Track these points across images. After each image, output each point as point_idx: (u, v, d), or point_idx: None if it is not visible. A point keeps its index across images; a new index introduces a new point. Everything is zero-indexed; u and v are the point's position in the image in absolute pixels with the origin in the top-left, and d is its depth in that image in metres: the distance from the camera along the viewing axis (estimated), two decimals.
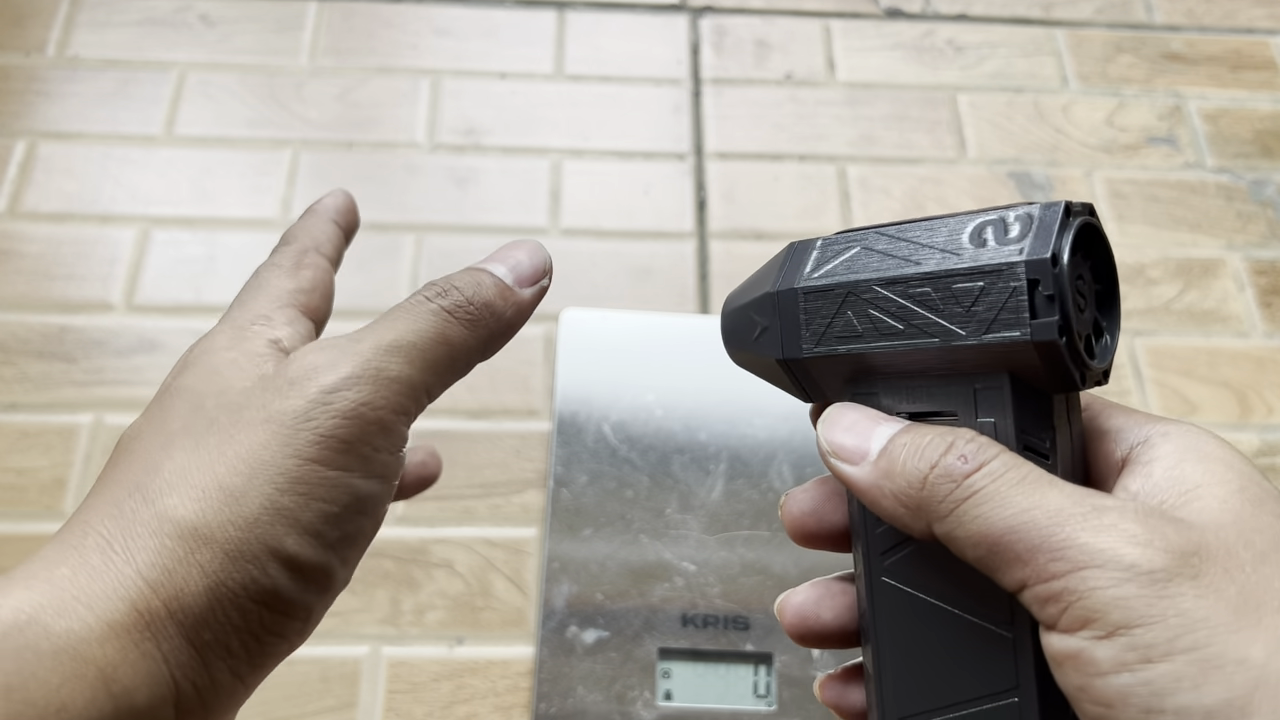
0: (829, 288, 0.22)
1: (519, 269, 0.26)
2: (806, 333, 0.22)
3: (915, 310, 0.21)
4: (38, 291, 0.61)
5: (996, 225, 0.20)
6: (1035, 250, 0.19)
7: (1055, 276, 0.19)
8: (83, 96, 0.69)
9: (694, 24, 0.75)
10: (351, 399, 0.21)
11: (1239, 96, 0.74)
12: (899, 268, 0.21)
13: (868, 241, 0.22)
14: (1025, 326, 0.19)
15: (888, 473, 0.20)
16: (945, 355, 0.21)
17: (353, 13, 0.73)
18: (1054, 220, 0.20)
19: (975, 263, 0.20)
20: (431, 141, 0.68)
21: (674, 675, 0.51)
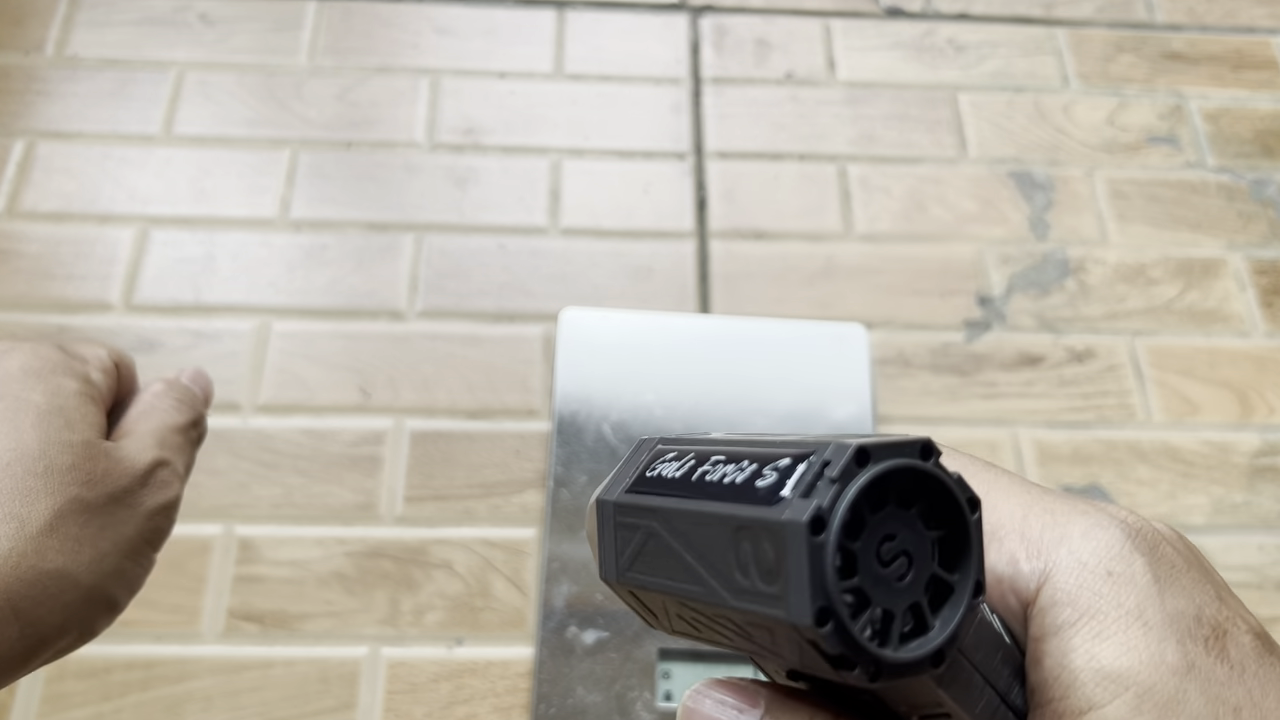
0: (635, 508, 0.19)
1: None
2: (615, 556, 0.20)
3: (686, 559, 0.18)
4: (36, 291, 0.61)
5: (786, 466, 0.16)
6: (791, 511, 0.15)
7: (814, 546, 0.15)
8: (81, 96, 0.68)
9: (694, 23, 0.75)
10: (175, 511, 0.29)
11: (1240, 96, 0.74)
12: (689, 503, 0.18)
13: (693, 450, 0.19)
14: (782, 602, 0.15)
15: None
16: (723, 616, 0.17)
17: (352, 12, 0.73)
18: (836, 467, 0.16)
19: (744, 514, 0.16)
20: (431, 141, 0.68)
21: (674, 676, 0.51)
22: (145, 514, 0.27)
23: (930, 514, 0.17)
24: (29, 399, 0.26)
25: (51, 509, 0.24)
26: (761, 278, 0.64)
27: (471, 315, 0.62)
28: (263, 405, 0.58)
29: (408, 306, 0.62)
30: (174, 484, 0.28)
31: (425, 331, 0.61)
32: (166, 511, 0.28)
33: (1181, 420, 0.61)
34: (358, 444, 0.57)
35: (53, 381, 0.27)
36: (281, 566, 0.54)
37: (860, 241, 0.66)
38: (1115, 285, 0.66)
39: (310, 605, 0.53)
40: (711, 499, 0.17)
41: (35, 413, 0.26)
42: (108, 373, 0.30)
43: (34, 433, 0.25)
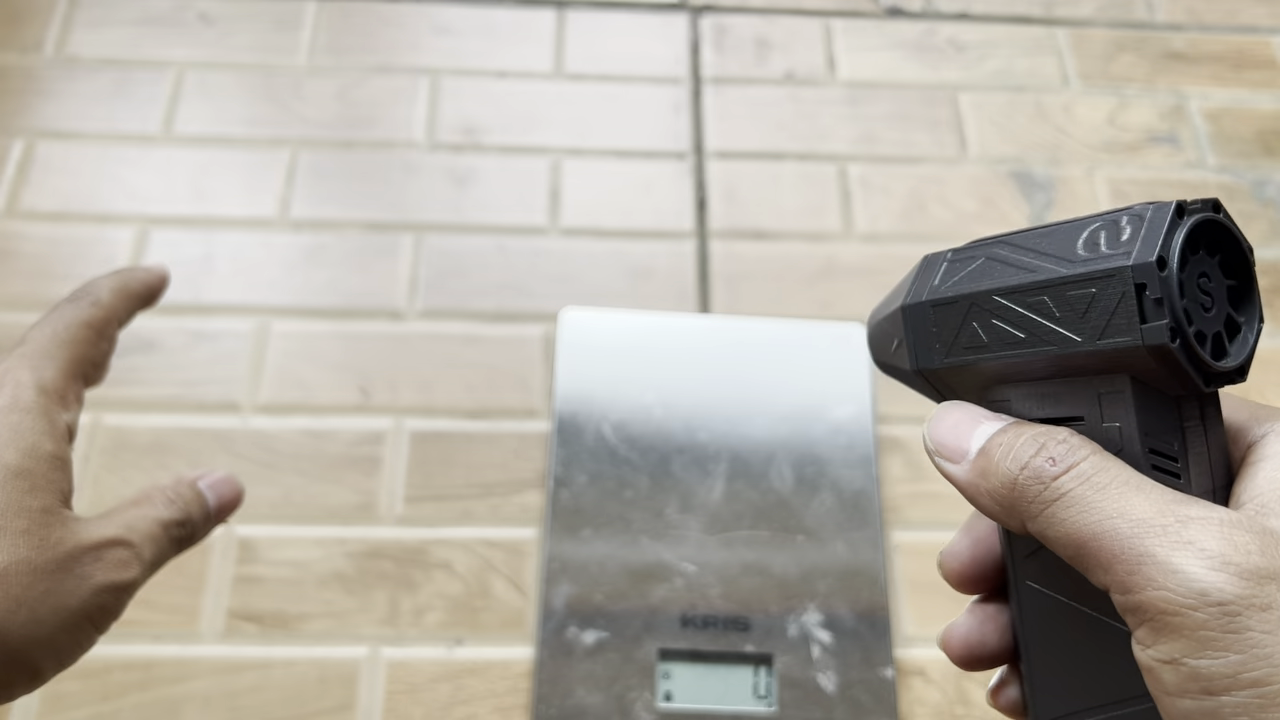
0: (954, 299, 0.23)
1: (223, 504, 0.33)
2: (938, 344, 0.23)
3: (1034, 319, 0.21)
4: (35, 291, 0.61)
5: (1110, 228, 0.20)
6: (1142, 254, 0.19)
7: (1163, 280, 0.19)
8: (81, 95, 0.68)
9: (694, 23, 0.75)
10: (129, 593, 0.29)
11: (1240, 95, 0.74)
12: (1017, 276, 0.22)
13: (991, 251, 0.23)
14: (1136, 331, 0.19)
15: (984, 472, 0.21)
16: (1066, 361, 0.21)
17: (351, 11, 0.73)
18: (1163, 221, 0.20)
19: (1087, 269, 0.20)
20: (430, 140, 0.68)
21: (674, 676, 0.51)
22: (92, 588, 0.27)
23: (1226, 264, 0.21)
24: (1, 457, 0.27)
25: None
26: (761, 277, 0.64)
27: (471, 315, 0.62)
28: (262, 405, 0.58)
29: (407, 306, 0.62)
30: (131, 567, 0.28)
31: (425, 331, 0.61)
32: (116, 592, 0.28)
33: None
34: (357, 444, 0.57)
35: (29, 441, 0.27)
36: (281, 567, 0.54)
37: (860, 241, 0.66)
38: None
39: (310, 605, 0.53)
40: (1037, 264, 0.21)
41: (3, 472, 0.27)
42: (103, 329, 0.32)
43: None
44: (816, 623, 0.52)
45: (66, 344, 0.31)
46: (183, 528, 0.31)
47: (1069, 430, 0.21)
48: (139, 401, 0.58)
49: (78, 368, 0.31)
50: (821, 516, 0.55)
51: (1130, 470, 0.20)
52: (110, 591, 0.27)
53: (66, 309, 0.31)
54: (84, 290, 0.32)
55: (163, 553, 0.30)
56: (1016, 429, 0.21)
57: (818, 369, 0.60)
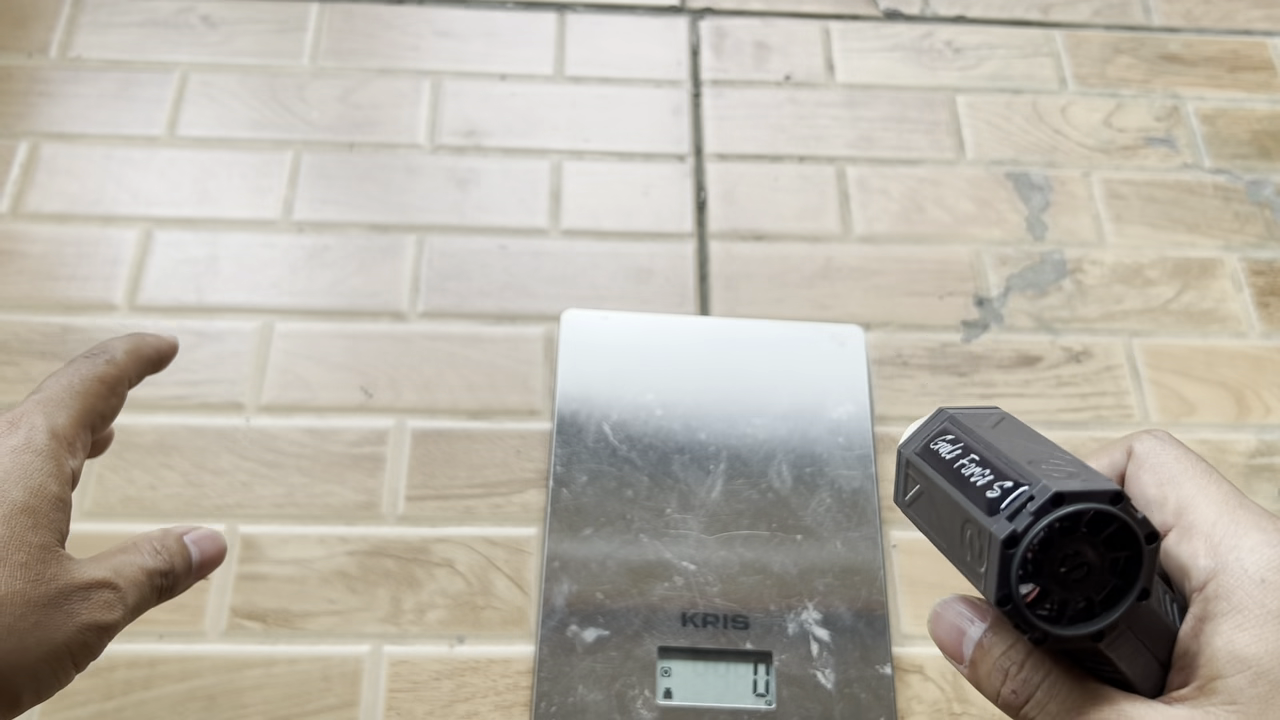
0: (916, 466, 0.27)
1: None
2: (906, 495, 0.28)
3: (947, 528, 0.26)
4: (40, 292, 0.62)
5: (1014, 493, 0.23)
6: (1001, 529, 0.23)
7: (1005, 556, 0.23)
8: (85, 97, 0.69)
9: (694, 26, 0.75)
10: (106, 639, 0.31)
11: (1236, 97, 0.74)
12: (957, 486, 0.25)
13: (975, 446, 0.26)
14: (984, 582, 0.24)
15: (976, 681, 0.26)
16: (968, 572, 0.25)
17: (354, 14, 0.74)
18: (1035, 505, 0.23)
19: (979, 513, 0.24)
20: (432, 142, 0.69)
21: (674, 673, 0.51)
22: (76, 627, 0.29)
23: (1115, 539, 0.23)
24: (9, 494, 0.29)
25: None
26: (760, 279, 0.65)
27: (473, 316, 0.62)
28: (265, 405, 0.59)
29: (409, 307, 0.62)
30: (116, 609, 0.30)
31: (427, 332, 0.62)
32: (99, 632, 0.30)
33: (1178, 420, 0.62)
34: (360, 444, 0.58)
35: (37, 480, 0.30)
36: (284, 565, 0.54)
37: (859, 243, 0.67)
38: (1112, 286, 0.66)
39: (313, 604, 0.53)
40: (960, 489, 0.25)
41: (9, 507, 0.29)
42: (115, 385, 0.34)
43: (3, 527, 0.28)
44: (815, 620, 0.53)
45: (80, 395, 0.33)
46: (166, 578, 0.33)
47: (1024, 656, 0.25)
48: (143, 401, 0.58)
49: (88, 418, 0.33)
50: (820, 515, 0.56)
51: (1079, 686, 0.24)
52: (93, 630, 0.29)
53: (83, 364, 0.34)
54: (100, 348, 0.35)
55: (145, 600, 0.32)
56: (992, 642, 0.26)
57: (816, 369, 0.60)
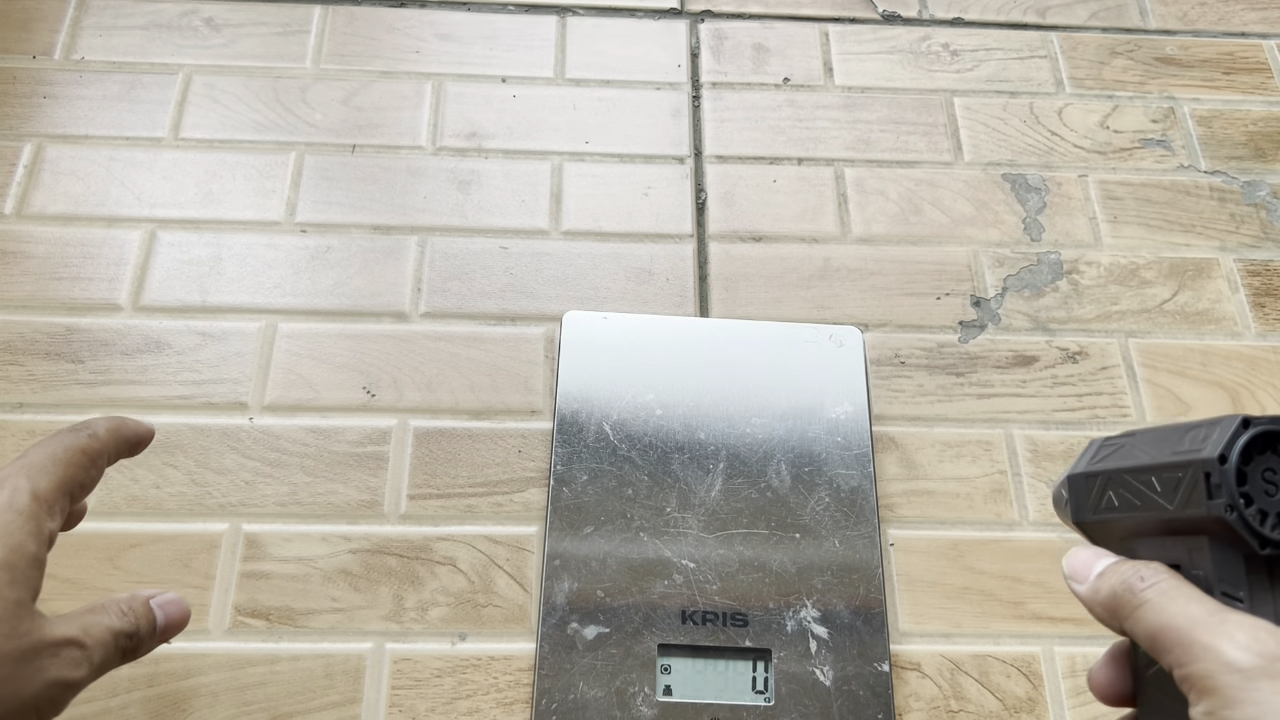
0: (1098, 473, 0.32)
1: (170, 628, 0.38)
2: (1087, 504, 0.33)
3: (1144, 491, 0.30)
4: (44, 292, 0.62)
5: (1202, 431, 0.29)
6: (1209, 451, 0.28)
7: (1222, 471, 0.27)
8: (89, 99, 0.69)
9: (693, 28, 0.76)
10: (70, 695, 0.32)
11: (1232, 99, 0.75)
12: (1137, 460, 0.30)
13: (1126, 442, 0.31)
14: (1203, 505, 0.28)
15: (1097, 589, 0.30)
16: (1165, 523, 0.29)
17: (356, 17, 0.74)
18: (1229, 429, 0.28)
19: (1177, 459, 0.29)
20: (434, 145, 0.69)
21: (673, 671, 0.52)
22: (44, 682, 0.30)
23: None
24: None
25: None
26: (759, 279, 0.65)
27: (474, 316, 0.63)
28: (269, 405, 0.59)
29: (412, 308, 0.63)
30: (81, 667, 0.32)
31: (429, 332, 0.62)
32: (64, 689, 0.31)
33: (1174, 420, 0.62)
34: (362, 443, 0.58)
35: (17, 539, 0.31)
36: (287, 563, 0.55)
37: (857, 244, 0.67)
38: (1108, 286, 0.67)
39: (316, 601, 0.54)
40: (1149, 457, 0.30)
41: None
42: (95, 458, 0.36)
43: None
44: (813, 618, 0.53)
45: (63, 464, 0.34)
46: (131, 639, 0.34)
47: (1160, 564, 0.29)
48: (147, 401, 0.59)
49: (68, 486, 0.34)
50: (819, 514, 0.56)
51: (1196, 589, 0.27)
52: (59, 687, 0.31)
53: (67, 436, 0.36)
54: (85, 424, 0.37)
55: (109, 659, 0.33)
56: (1124, 563, 0.30)
57: (815, 369, 0.61)
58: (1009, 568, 0.57)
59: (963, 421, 0.61)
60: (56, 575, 0.53)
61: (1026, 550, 0.57)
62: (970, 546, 0.57)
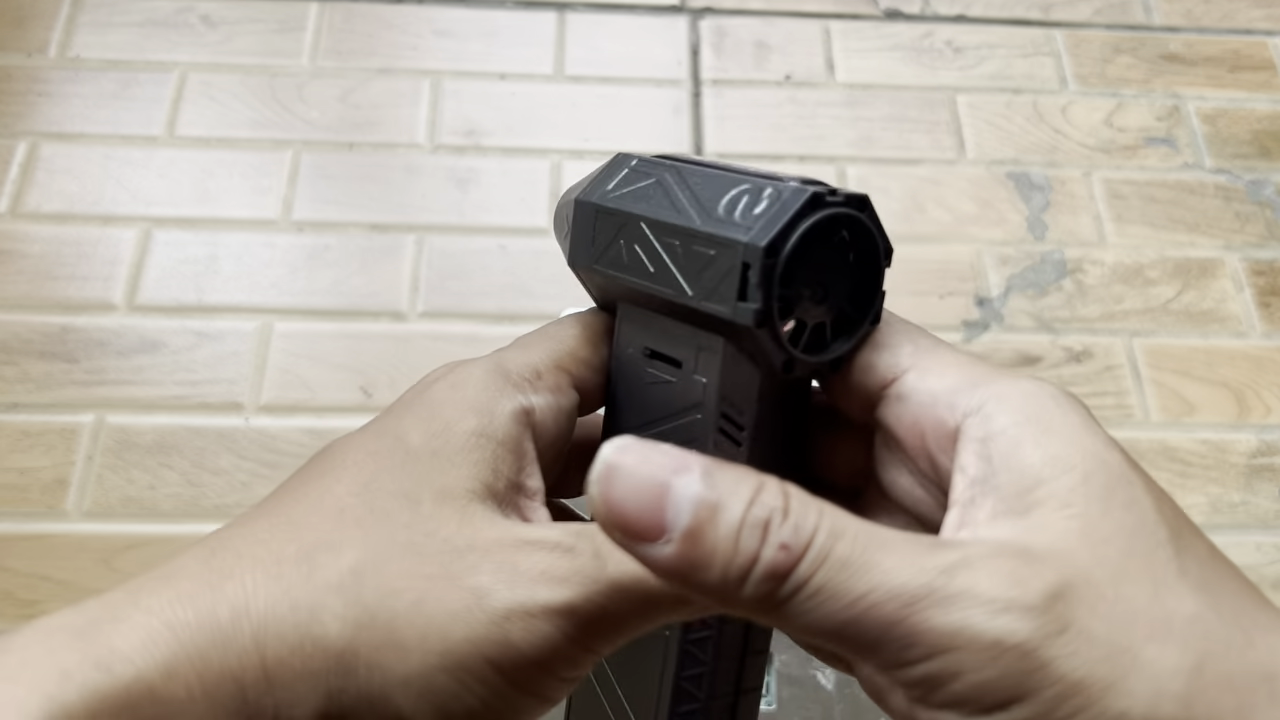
0: (614, 211, 0.23)
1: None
2: (591, 248, 0.23)
3: (663, 258, 0.21)
4: (39, 292, 0.61)
5: (753, 196, 0.20)
6: (757, 236, 0.19)
7: (765, 267, 0.19)
8: (84, 97, 0.69)
9: (694, 25, 0.75)
10: (556, 628, 0.18)
11: (1237, 97, 0.74)
12: (664, 213, 0.21)
13: (663, 175, 0.23)
14: (732, 304, 0.20)
15: (702, 560, 0.16)
16: (678, 307, 0.21)
17: (354, 14, 0.74)
18: (791, 208, 0.19)
19: (714, 230, 0.20)
20: (432, 142, 0.69)
21: None
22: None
23: (857, 256, 0.21)
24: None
25: None
26: None
27: (472, 316, 0.62)
28: (265, 405, 0.59)
29: (409, 307, 0.62)
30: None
31: (426, 332, 0.62)
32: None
33: (1179, 420, 0.61)
34: None
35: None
36: None
37: None
38: (1112, 286, 0.66)
39: None
40: (680, 212, 0.21)
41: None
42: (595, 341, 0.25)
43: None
44: None
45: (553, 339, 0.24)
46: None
47: (784, 490, 0.16)
48: (143, 401, 0.58)
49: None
50: None
51: (865, 525, 0.16)
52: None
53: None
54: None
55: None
56: (722, 485, 0.16)
57: None
58: None
59: None
60: (50, 577, 0.53)
61: None
62: None
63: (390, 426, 0.20)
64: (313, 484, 0.19)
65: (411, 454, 0.19)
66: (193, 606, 0.17)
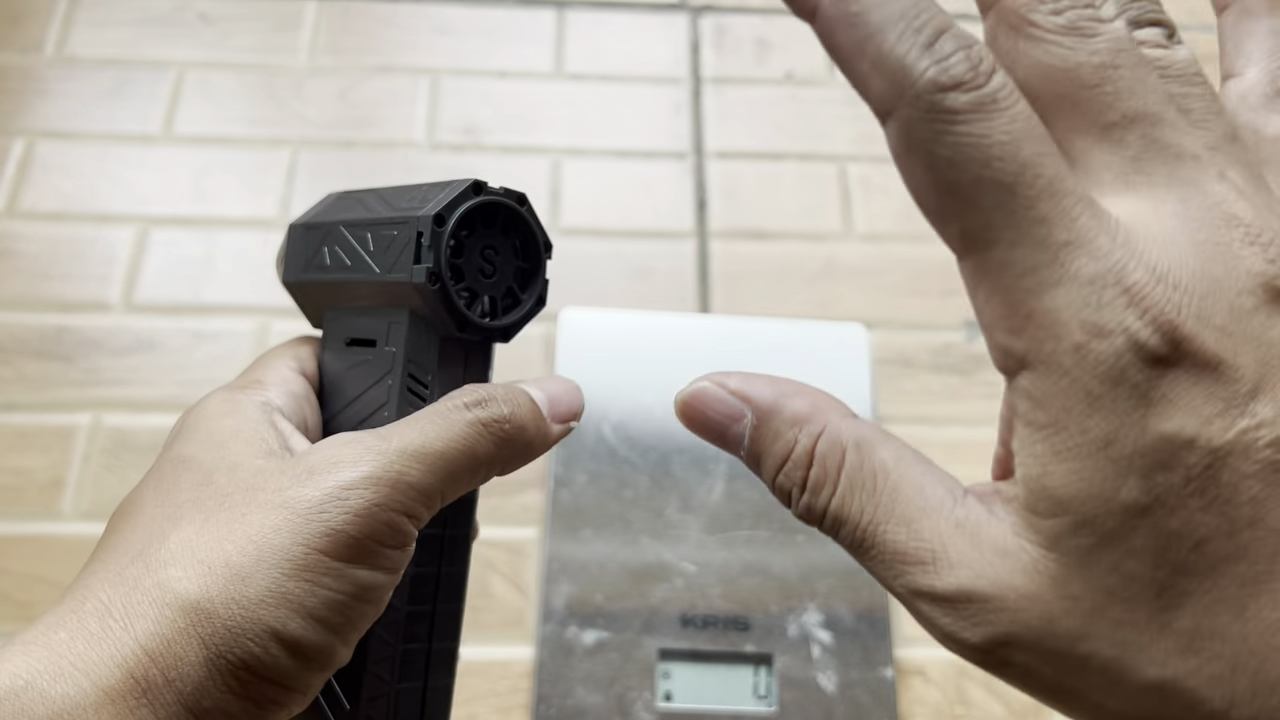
0: (319, 225, 0.27)
1: (556, 403, 0.26)
2: (300, 261, 0.27)
3: (357, 249, 0.25)
4: (35, 291, 0.61)
5: (431, 191, 0.25)
6: (428, 210, 0.24)
7: (435, 233, 0.24)
8: (80, 95, 0.68)
9: (694, 23, 0.75)
10: (366, 498, 0.21)
11: None
12: (359, 214, 0.26)
13: (363, 195, 0.27)
14: (408, 270, 0.24)
15: (758, 457, 0.20)
16: (371, 289, 0.25)
17: (351, 11, 0.73)
18: (456, 192, 0.24)
19: (396, 214, 0.25)
20: (431, 140, 0.68)
21: (674, 676, 0.51)
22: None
23: (519, 247, 0.26)
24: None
25: None
26: (761, 277, 0.65)
27: None
28: None
29: None
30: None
31: None
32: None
33: None
34: None
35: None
36: None
37: (860, 241, 0.66)
38: None
39: None
40: (372, 213, 0.26)
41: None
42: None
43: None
44: (816, 623, 0.53)
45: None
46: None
47: (823, 407, 0.19)
48: (139, 401, 0.58)
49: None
50: None
51: (895, 455, 0.18)
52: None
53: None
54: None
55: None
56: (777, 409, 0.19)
57: (817, 369, 0.60)
58: None
59: (969, 422, 0.60)
60: (46, 579, 0.53)
61: None
62: None
63: (165, 458, 0.24)
64: (123, 520, 0.23)
65: (191, 460, 0.23)
66: (64, 628, 0.20)
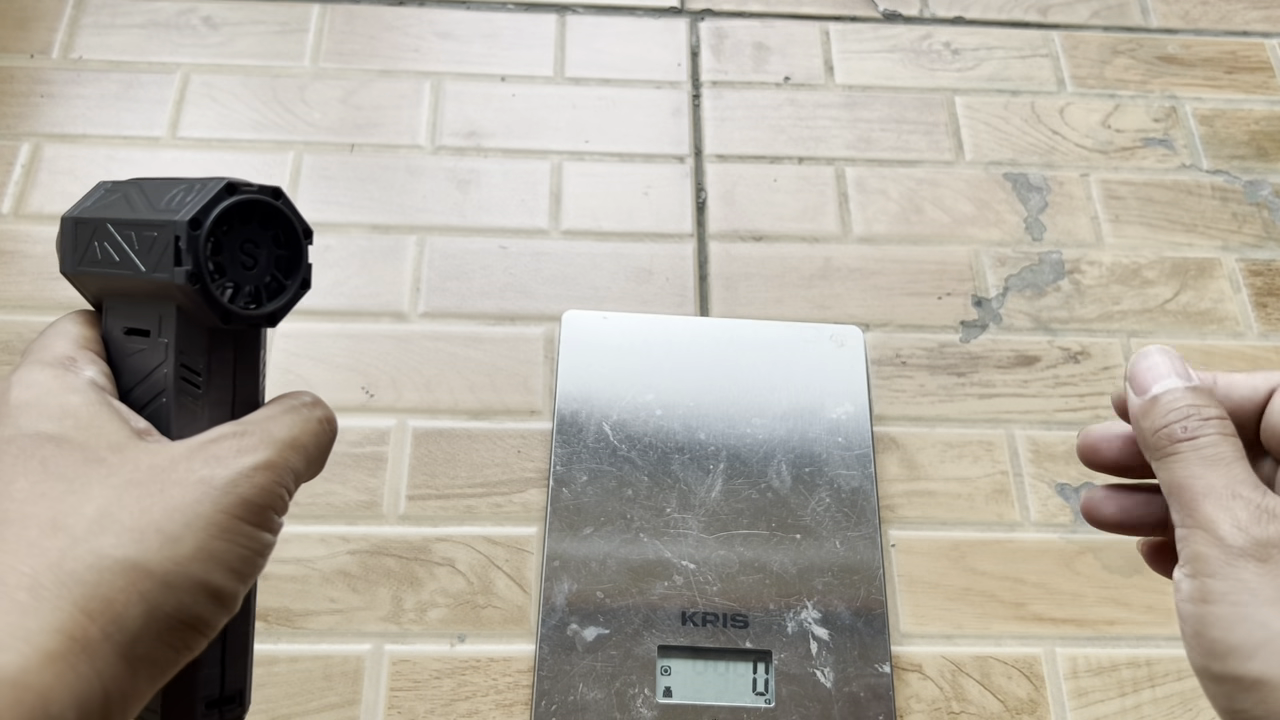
0: (89, 220, 0.28)
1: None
2: (74, 254, 0.29)
3: (124, 247, 0.27)
4: (42, 292, 0.62)
5: (188, 190, 0.27)
6: (184, 214, 0.26)
7: (191, 237, 0.26)
8: (87, 98, 0.69)
9: (693, 27, 0.76)
10: (268, 477, 0.26)
11: (1234, 98, 0.75)
12: (126, 212, 0.27)
13: (128, 189, 0.28)
14: (170, 271, 0.26)
15: (1146, 412, 0.28)
16: (139, 285, 0.27)
17: (355, 16, 0.74)
18: (210, 193, 0.26)
19: (157, 216, 0.26)
20: (433, 144, 0.69)
21: (674, 672, 0.52)
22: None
23: (279, 237, 0.28)
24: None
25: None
26: (760, 279, 0.65)
27: (473, 316, 0.63)
28: None
29: (410, 308, 0.63)
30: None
31: (428, 332, 0.62)
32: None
33: None
34: (361, 443, 0.58)
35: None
36: (286, 564, 0.55)
37: (858, 243, 0.67)
38: (1110, 286, 0.66)
39: (314, 603, 0.54)
40: (135, 211, 0.27)
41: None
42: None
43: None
44: (814, 619, 0.53)
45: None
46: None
47: (1215, 405, 0.28)
48: None
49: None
50: (819, 515, 0.56)
51: (1234, 452, 0.27)
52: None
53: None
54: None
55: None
56: (1185, 396, 0.28)
57: (816, 369, 0.60)
58: (1010, 569, 0.57)
59: (964, 422, 0.61)
60: None
61: (1028, 551, 0.57)
62: (972, 547, 0.57)
63: (17, 434, 0.26)
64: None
65: (61, 439, 0.25)
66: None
